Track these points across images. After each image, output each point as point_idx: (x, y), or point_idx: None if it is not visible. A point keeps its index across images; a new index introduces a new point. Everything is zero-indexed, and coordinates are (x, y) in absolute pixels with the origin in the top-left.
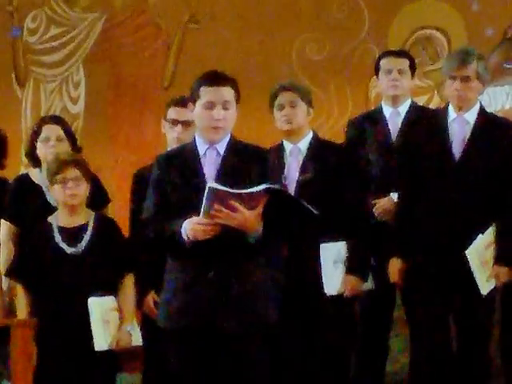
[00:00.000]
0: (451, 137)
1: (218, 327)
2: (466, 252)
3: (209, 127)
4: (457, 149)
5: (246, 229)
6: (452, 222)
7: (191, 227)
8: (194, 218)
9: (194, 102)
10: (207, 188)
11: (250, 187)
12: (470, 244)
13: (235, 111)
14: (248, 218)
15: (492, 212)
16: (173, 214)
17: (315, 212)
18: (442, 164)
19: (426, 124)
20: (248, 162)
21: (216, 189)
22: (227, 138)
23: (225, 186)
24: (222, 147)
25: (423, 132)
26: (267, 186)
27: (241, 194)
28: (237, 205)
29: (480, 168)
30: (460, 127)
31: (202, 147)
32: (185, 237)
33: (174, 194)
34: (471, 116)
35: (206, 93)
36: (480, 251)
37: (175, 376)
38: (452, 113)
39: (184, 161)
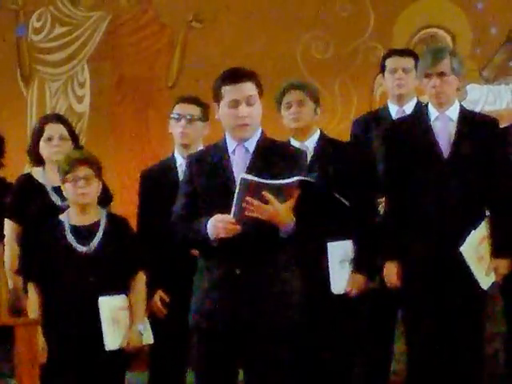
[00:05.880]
0: (436, 135)
1: (244, 326)
2: (461, 249)
3: (236, 125)
4: (444, 146)
5: (278, 222)
6: (447, 220)
7: (213, 224)
8: (217, 216)
9: (218, 102)
10: (239, 179)
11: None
12: (465, 241)
13: (260, 105)
14: (280, 211)
15: (484, 207)
16: (202, 214)
17: (347, 204)
18: (431, 163)
19: (409, 126)
20: (277, 160)
21: (248, 180)
22: (257, 136)
23: (258, 177)
24: (251, 145)
25: (407, 134)
26: (300, 178)
27: (273, 185)
28: (269, 196)
29: (469, 164)
30: (443, 125)
31: (231, 145)
32: (210, 235)
33: (203, 193)
34: (453, 113)
35: (228, 91)
36: (474, 247)
37: (197, 375)
38: (433, 112)
39: (213, 159)
